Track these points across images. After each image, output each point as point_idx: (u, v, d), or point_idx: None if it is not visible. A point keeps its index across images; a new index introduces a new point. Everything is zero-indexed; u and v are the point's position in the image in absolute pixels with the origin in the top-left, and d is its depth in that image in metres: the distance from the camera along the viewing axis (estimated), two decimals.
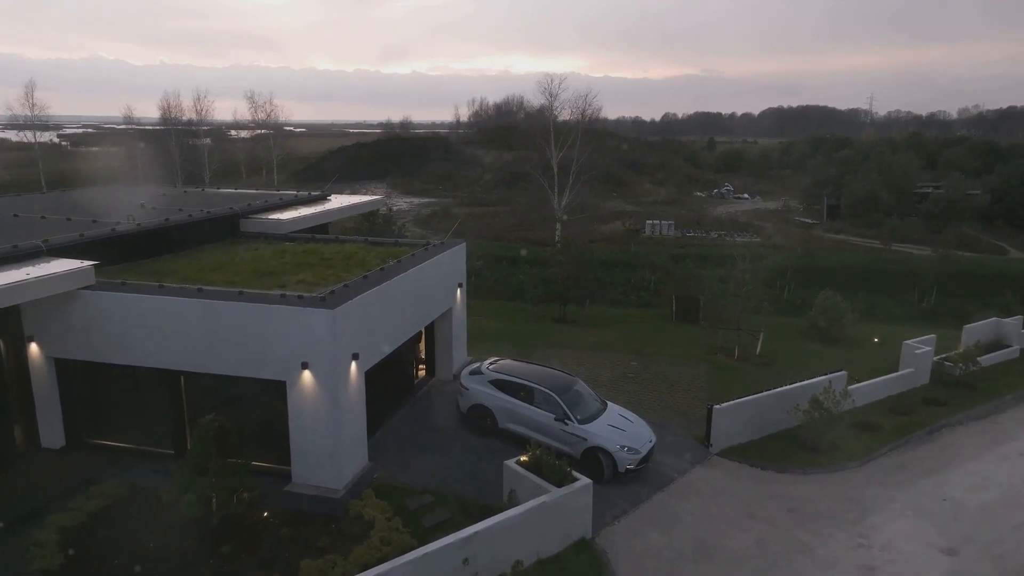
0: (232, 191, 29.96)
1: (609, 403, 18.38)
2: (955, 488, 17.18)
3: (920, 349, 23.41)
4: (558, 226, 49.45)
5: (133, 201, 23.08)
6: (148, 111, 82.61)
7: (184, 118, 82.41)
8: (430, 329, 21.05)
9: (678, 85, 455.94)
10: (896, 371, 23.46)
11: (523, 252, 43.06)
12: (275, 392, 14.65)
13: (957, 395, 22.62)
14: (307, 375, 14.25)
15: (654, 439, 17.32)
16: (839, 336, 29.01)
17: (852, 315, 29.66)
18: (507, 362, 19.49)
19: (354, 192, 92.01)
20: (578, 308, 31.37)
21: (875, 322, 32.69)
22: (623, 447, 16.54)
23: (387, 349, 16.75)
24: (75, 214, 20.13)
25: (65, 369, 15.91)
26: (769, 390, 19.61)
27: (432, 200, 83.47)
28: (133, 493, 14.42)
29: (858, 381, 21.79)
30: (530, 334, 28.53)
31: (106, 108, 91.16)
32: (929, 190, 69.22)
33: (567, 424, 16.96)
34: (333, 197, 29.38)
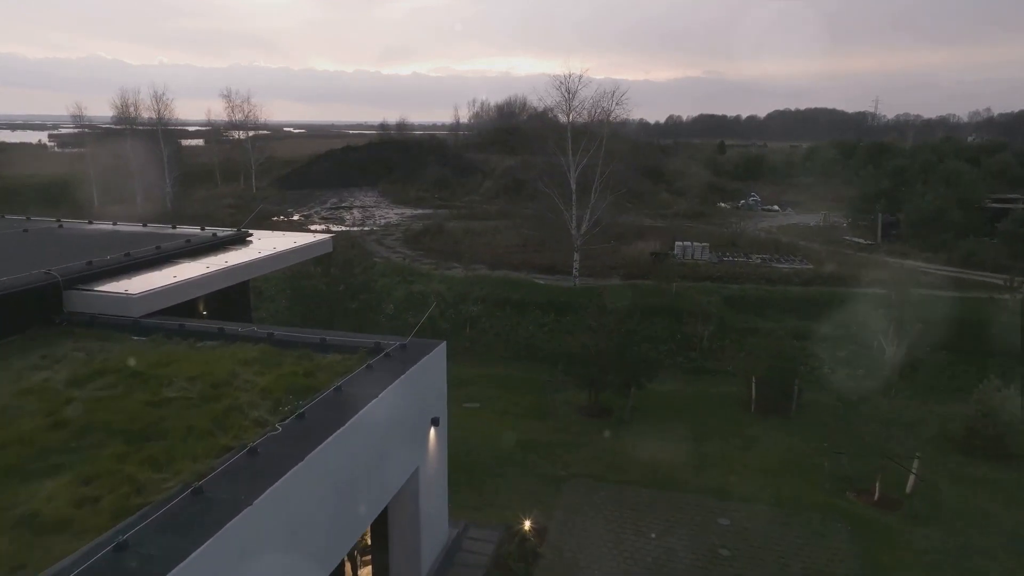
0: (106, 226, 20.32)
1: None
2: None
3: None
4: (576, 256, 39.55)
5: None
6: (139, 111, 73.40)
7: (146, 116, 73.40)
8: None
9: (680, 87, 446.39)
10: None
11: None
12: None
13: None
14: None
15: None
16: (1013, 446, 19.50)
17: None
18: None
19: (340, 201, 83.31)
20: (619, 396, 21.74)
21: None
22: None
23: None
24: None
25: None
26: None
27: (427, 211, 73.91)
28: None
29: None
30: (549, 448, 18.91)
31: (101, 108, 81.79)
32: (990, 203, 59.66)
33: None
34: (258, 236, 19.82)
